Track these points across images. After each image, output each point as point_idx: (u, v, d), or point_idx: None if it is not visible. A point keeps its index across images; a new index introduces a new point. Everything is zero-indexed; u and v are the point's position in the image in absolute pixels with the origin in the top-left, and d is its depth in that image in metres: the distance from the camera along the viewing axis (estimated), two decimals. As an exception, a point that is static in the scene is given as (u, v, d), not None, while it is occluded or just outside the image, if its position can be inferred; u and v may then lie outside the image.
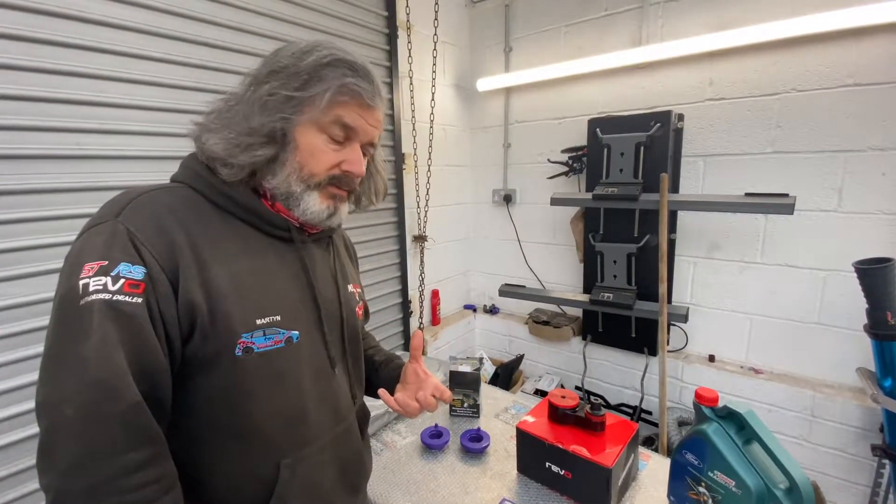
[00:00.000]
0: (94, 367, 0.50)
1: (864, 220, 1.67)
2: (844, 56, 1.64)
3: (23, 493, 1.17)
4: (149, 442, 0.52)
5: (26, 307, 1.16)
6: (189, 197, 0.64)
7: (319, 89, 0.63)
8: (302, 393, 0.69)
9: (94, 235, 0.57)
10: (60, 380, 0.50)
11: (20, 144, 1.13)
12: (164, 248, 0.58)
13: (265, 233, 0.68)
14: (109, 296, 0.53)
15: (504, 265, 2.75)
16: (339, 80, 0.64)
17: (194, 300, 0.58)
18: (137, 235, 0.57)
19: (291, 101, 0.63)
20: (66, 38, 1.17)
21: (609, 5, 2.12)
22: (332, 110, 0.64)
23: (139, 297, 0.54)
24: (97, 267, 0.54)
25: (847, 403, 1.70)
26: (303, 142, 0.65)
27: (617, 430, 1.07)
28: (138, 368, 0.53)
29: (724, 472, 0.87)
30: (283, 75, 0.63)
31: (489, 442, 1.24)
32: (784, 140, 1.78)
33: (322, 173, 0.67)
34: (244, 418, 0.64)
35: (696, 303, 2.06)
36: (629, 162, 1.98)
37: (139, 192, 0.61)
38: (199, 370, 0.61)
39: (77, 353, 0.50)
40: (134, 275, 0.55)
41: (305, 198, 0.67)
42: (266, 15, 1.61)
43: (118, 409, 0.50)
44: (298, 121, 0.64)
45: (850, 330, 1.72)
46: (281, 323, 0.65)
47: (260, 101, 0.63)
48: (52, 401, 0.50)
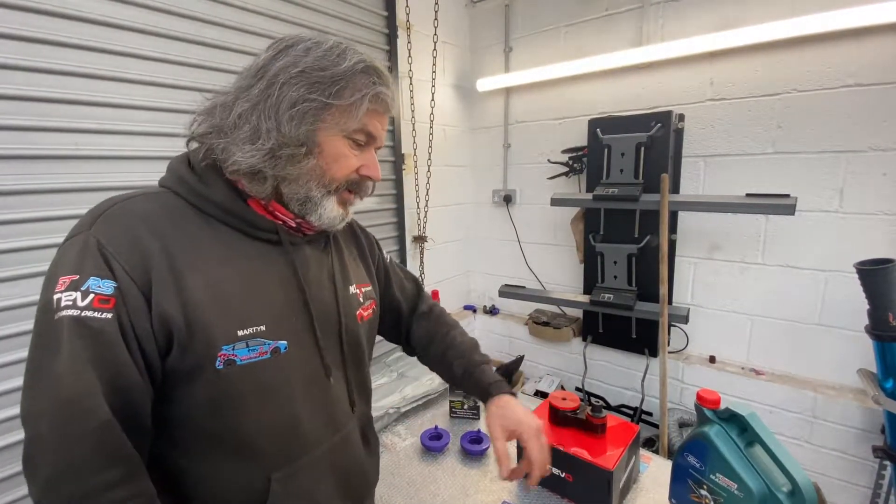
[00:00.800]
0: (66, 384, 0.49)
1: (865, 221, 1.66)
2: (845, 56, 1.63)
3: (23, 493, 1.17)
4: (121, 461, 0.51)
5: (25, 308, 1.15)
6: (170, 203, 0.62)
7: (356, 98, 0.62)
8: (293, 404, 0.66)
9: (69, 248, 0.56)
10: (36, 394, 0.51)
11: (17, 144, 1.12)
12: (136, 259, 0.55)
13: (251, 236, 0.66)
14: (78, 312, 0.52)
15: (504, 266, 2.74)
16: (372, 88, 0.63)
17: (169, 312, 0.56)
18: (108, 248, 0.55)
19: (328, 109, 0.61)
20: (63, 37, 1.17)
21: (609, 5, 2.12)
22: (359, 118, 0.64)
23: (109, 313, 0.53)
24: (69, 281, 0.53)
25: (848, 405, 1.70)
26: (328, 147, 0.63)
27: (618, 432, 1.07)
28: (110, 386, 0.51)
29: (725, 475, 0.86)
30: (314, 78, 0.60)
31: (489, 444, 1.23)
32: (785, 140, 1.77)
33: (342, 178, 0.66)
34: (232, 431, 0.62)
35: (697, 303, 2.06)
36: (630, 162, 1.97)
37: (115, 201, 0.60)
38: (181, 382, 0.59)
39: (50, 368, 0.50)
40: (103, 289, 0.53)
41: (324, 203, 0.66)
42: (265, 15, 1.60)
43: (89, 428, 0.49)
44: (327, 127, 0.62)
45: (851, 331, 1.71)
46: (266, 333, 0.62)
47: (292, 107, 0.60)
48: (31, 413, 0.51)
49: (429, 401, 1.54)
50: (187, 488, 0.62)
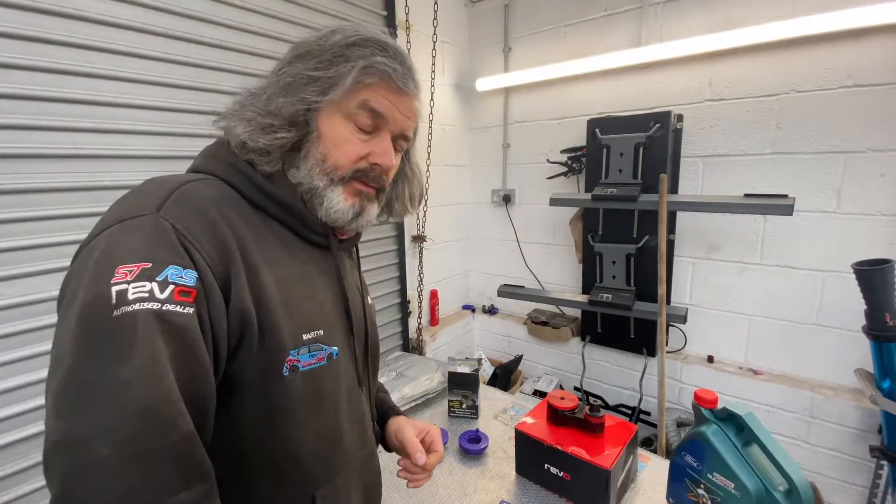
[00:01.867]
0: (141, 392, 0.40)
1: (863, 222, 1.67)
2: (844, 57, 1.64)
3: (23, 493, 1.17)
4: (201, 478, 0.44)
5: (23, 307, 1.15)
6: (226, 192, 0.57)
7: (344, 69, 0.57)
8: (339, 413, 0.64)
9: (130, 231, 0.47)
10: (91, 411, 0.39)
11: (15, 143, 1.12)
12: (215, 248, 0.50)
13: (303, 238, 0.62)
14: (158, 305, 0.44)
15: (503, 265, 2.75)
16: (367, 58, 0.57)
17: (245, 310, 0.51)
18: (186, 234, 0.48)
19: (314, 83, 0.57)
20: (61, 36, 1.17)
21: (609, 5, 2.12)
22: (359, 93, 0.58)
23: (191, 308, 0.46)
24: (138, 270, 0.44)
25: (845, 405, 1.70)
26: (326, 130, 0.59)
27: (616, 431, 1.07)
28: (190, 393, 0.45)
29: (723, 474, 0.87)
30: (307, 56, 0.58)
31: (488, 443, 1.24)
32: (783, 141, 1.78)
33: (347, 166, 0.60)
34: (282, 445, 0.57)
35: (695, 303, 2.06)
36: (628, 162, 1.97)
37: (178, 183, 0.53)
38: (239, 391, 0.53)
39: (114, 376, 0.40)
40: (185, 280, 0.46)
41: (328, 194, 0.60)
42: (264, 14, 1.60)
43: (169, 442, 0.41)
44: (322, 106, 0.58)
45: (848, 331, 1.72)
46: (324, 338, 0.60)
47: (282, 83, 0.58)
48: (77, 438, 0.39)
49: (427, 400, 1.54)
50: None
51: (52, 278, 1.18)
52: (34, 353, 1.17)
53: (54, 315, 1.21)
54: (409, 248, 2.37)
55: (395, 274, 2.31)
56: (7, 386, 1.14)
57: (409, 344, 2.40)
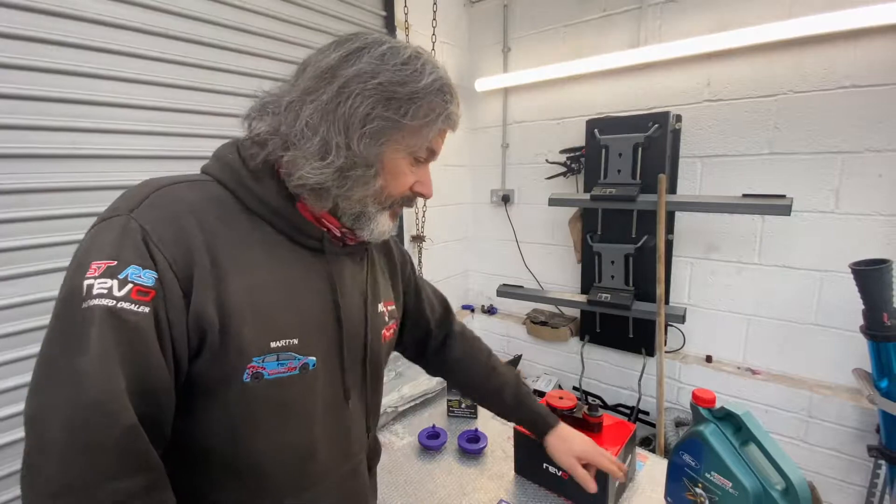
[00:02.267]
0: (92, 385, 0.44)
1: (860, 222, 1.67)
2: (842, 58, 1.64)
3: (17, 494, 1.16)
4: (144, 469, 0.46)
5: (21, 307, 1.16)
6: (216, 194, 0.57)
7: (430, 118, 0.59)
8: (312, 428, 0.62)
9: (105, 230, 0.50)
10: (53, 394, 0.44)
11: (15, 143, 1.12)
12: (179, 252, 0.51)
13: (294, 241, 0.62)
14: (113, 302, 0.47)
15: (502, 265, 2.75)
16: (445, 108, 0.60)
17: (206, 314, 0.51)
18: (151, 236, 0.50)
19: (399, 129, 0.58)
20: (61, 36, 1.17)
21: (607, 6, 2.12)
22: (428, 137, 0.62)
23: (146, 307, 0.48)
24: (104, 267, 0.48)
25: (843, 404, 1.71)
26: (390, 164, 0.60)
27: (614, 430, 1.07)
28: (139, 387, 0.47)
29: (720, 474, 0.87)
30: (389, 93, 0.55)
31: (486, 443, 1.24)
32: (781, 141, 1.78)
33: (398, 195, 0.63)
34: (245, 453, 0.58)
35: (694, 303, 2.07)
36: (627, 163, 1.98)
37: (160, 185, 0.55)
38: (201, 393, 0.55)
39: (74, 366, 0.44)
40: (144, 280, 0.48)
41: (378, 218, 0.63)
42: (263, 14, 1.60)
43: (113, 434, 0.44)
44: (395, 146, 0.59)
45: (846, 331, 1.72)
46: (298, 347, 0.58)
47: (364, 124, 0.55)
48: (41, 416, 0.44)
49: (426, 399, 1.54)
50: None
51: (51, 278, 1.19)
52: (33, 354, 1.17)
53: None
54: (409, 248, 2.37)
55: (394, 274, 2.31)
56: (7, 385, 1.14)
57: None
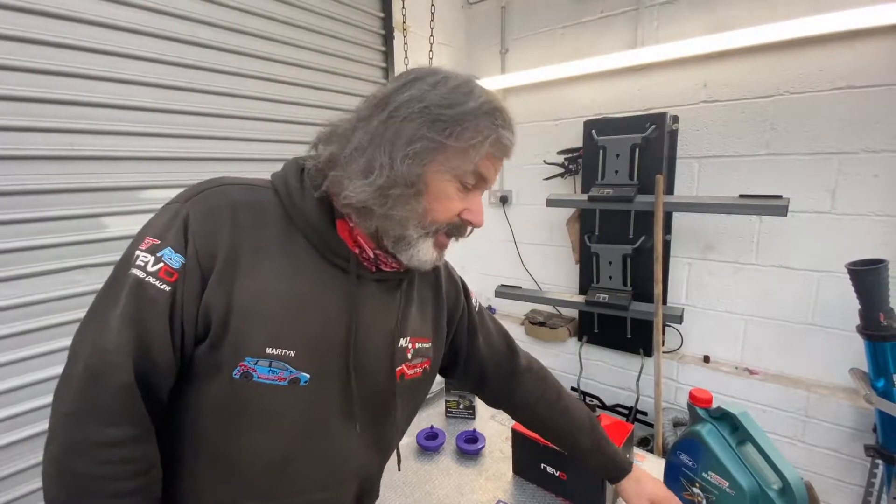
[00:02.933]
0: (110, 335, 0.52)
1: (857, 222, 1.68)
2: (838, 59, 1.65)
3: (22, 493, 1.17)
4: (131, 423, 0.53)
5: (20, 308, 1.15)
6: (265, 200, 0.61)
7: (476, 141, 0.57)
8: (289, 442, 0.62)
9: (165, 212, 0.58)
10: (87, 334, 0.54)
11: (12, 145, 1.12)
12: (207, 245, 0.57)
13: (325, 258, 0.62)
14: (144, 275, 0.54)
15: (500, 266, 2.75)
16: (494, 131, 0.58)
17: (214, 305, 0.56)
18: (191, 225, 0.57)
19: (444, 150, 0.57)
20: (57, 37, 1.17)
21: (605, 7, 2.13)
22: (475, 160, 0.59)
23: (168, 286, 0.54)
24: (151, 244, 0.56)
25: (840, 404, 1.71)
26: (435, 187, 0.59)
27: (612, 430, 1.08)
28: (141, 353, 0.53)
29: (718, 473, 0.87)
30: (435, 114, 0.56)
31: (484, 443, 1.24)
32: (778, 142, 1.79)
33: (443, 222, 0.61)
34: (225, 447, 0.60)
35: (691, 304, 2.07)
36: (625, 163, 1.98)
37: (220, 183, 0.62)
38: (197, 376, 0.59)
39: (106, 317, 0.53)
40: (173, 263, 0.55)
41: (420, 245, 0.61)
42: (260, 15, 1.60)
43: (114, 383, 0.52)
44: (439, 167, 0.58)
45: (843, 331, 1.73)
46: (293, 360, 0.59)
47: (408, 144, 0.56)
48: (76, 350, 0.54)
49: (425, 401, 1.54)
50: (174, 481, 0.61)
51: (50, 279, 1.18)
52: (33, 354, 1.17)
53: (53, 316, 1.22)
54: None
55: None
56: (7, 387, 1.14)
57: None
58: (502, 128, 0.59)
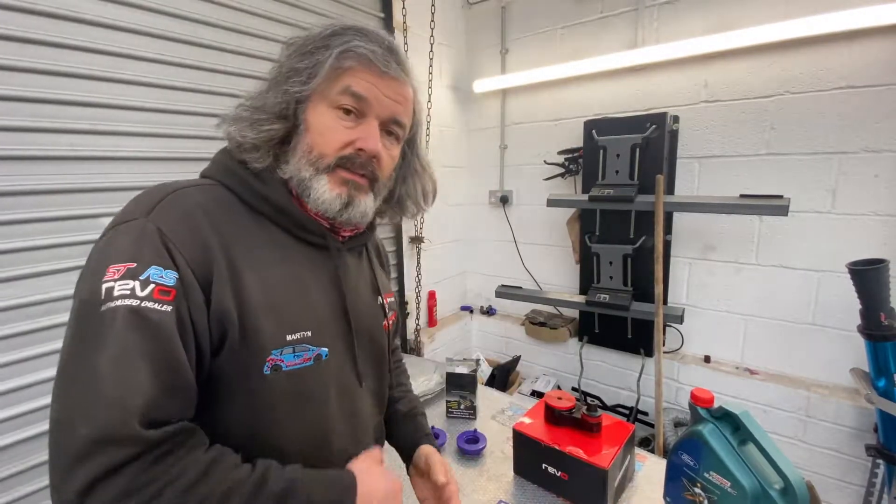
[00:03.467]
0: (112, 382, 0.45)
1: (857, 222, 1.68)
2: (838, 59, 1.65)
3: (23, 493, 1.16)
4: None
5: (21, 309, 1.15)
6: (222, 196, 0.60)
7: (323, 56, 0.60)
8: (327, 414, 0.65)
9: (121, 234, 0.52)
10: (74, 395, 0.45)
11: (12, 145, 1.12)
12: (197, 251, 0.53)
13: (299, 238, 0.64)
14: (137, 302, 0.48)
15: (500, 266, 2.75)
16: (345, 44, 0.60)
17: (226, 310, 0.54)
18: (169, 237, 0.52)
19: (297, 74, 0.60)
20: (58, 38, 1.17)
21: (605, 8, 2.13)
22: (340, 79, 0.60)
23: (169, 305, 0.49)
24: (124, 269, 0.49)
25: (841, 404, 1.71)
26: (313, 120, 0.61)
27: (613, 431, 1.08)
28: (164, 385, 0.48)
29: (719, 473, 0.87)
30: (292, 50, 0.62)
31: (486, 443, 1.24)
32: (778, 142, 1.79)
33: (332, 153, 0.61)
34: (263, 441, 0.59)
35: (692, 304, 2.07)
36: (625, 163, 1.98)
37: (171, 189, 0.57)
38: (223, 387, 0.56)
39: (93, 366, 0.45)
40: (165, 280, 0.50)
41: (314, 184, 0.61)
42: (261, 16, 1.60)
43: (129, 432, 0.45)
44: (308, 96, 0.61)
45: (843, 330, 1.73)
46: (311, 339, 0.61)
47: (270, 80, 0.62)
48: (65, 419, 0.45)
49: (425, 401, 1.54)
50: None
51: (50, 280, 1.18)
52: (34, 355, 1.17)
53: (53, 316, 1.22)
54: (407, 249, 2.37)
55: (393, 275, 2.31)
56: (8, 387, 1.13)
57: (407, 345, 2.40)
58: (355, 39, 0.61)
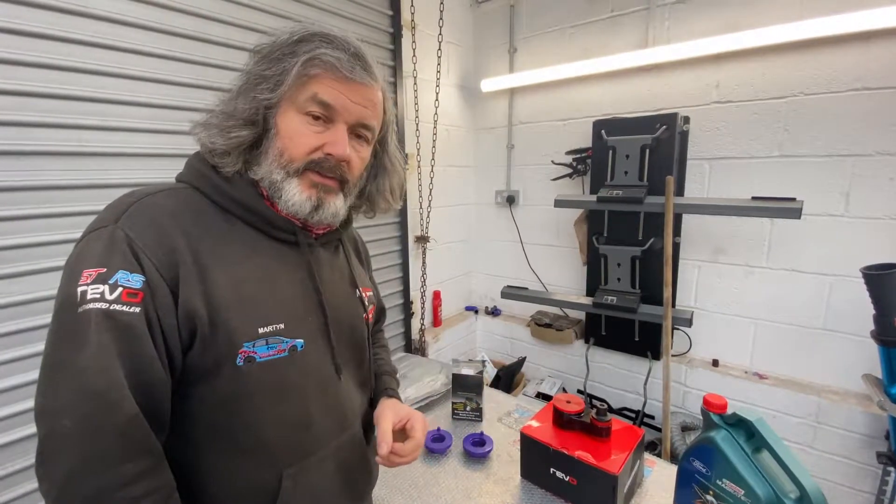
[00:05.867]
0: (93, 378, 0.49)
1: (871, 225, 1.65)
2: (853, 60, 1.62)
3: (22, 492, 1.16)
4: (146, 454, 0.52)
5: (26, 305, 1.15)
6: (192, 199, 0.63)
7: (289, 64, 0.61)
8: (306, 402, 0.67)
9: (93, 241, 0.56)
10: (58, 389, 0.49)
11: (22, 141, 1.11)
12: (164, 255, 0.56)
13: (270, 237, 0.66)
14: (106, 305, 0.51)
15: (506, 267, 2.74)
16: (311, 52, 0.61)
17: (194, 308, 0.56)
18: (137, 242, 0.55)
19: (265, 81, 0.62)
20: (68, 33, 1.16)
21: (615, 6, 2.11)
22: (307, 86, 0.61)
23: (137, 307, 0.53)
24: (95, 274, 0.53)
25: (852, 410, 1.69)
26: (283, 126, 0.62)
27: (622, 435, 1.06)
28: (136, 380, 0.52)
29: (732, 480, 0.86)
30: (260, 57, 0.64)
31: (492, 446, 1.23)
32: (791, 144, 1.76)
33: (301, 157, 0.63)
34: (246, 429, 0.62)
35: (701, 307, 2.05)
36: (634, 164, 1.96)
37: (141, 196, 0.60)
38: (199, 379, 0.59)
39: (75, 362, 0.49)
40: (132, 283, 0.53)
41: (285, 186, 0.63)
42: (270, 13, 1.59)
43: (117, 422, 0.49)
44: (276, 103, 0.62)
45: (856, 336, 1.70)
46: (284, 331, 0.63)
47: (239, 86, 0.63)
48: (49, 410, 0.49)
49: (431, 402, 1.53)
50: (199, 485, 0.61)
51: (55, 276, 1.16)
52: (38, 353, 1.17)
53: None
54: (413, 248, 2.36)
55: (398, 275, 2.30)
56: (10, 384, 1.13)
57: (411, 345, 2.39)
58: (322, 47, 0.61)
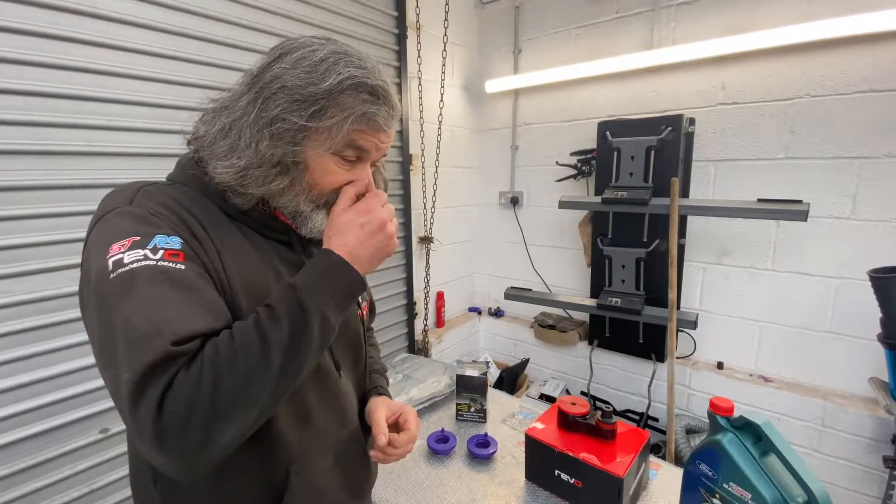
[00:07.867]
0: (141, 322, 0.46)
1: (878, 228, 1.64)
2: (859, 62, 1.62)
3: (22, 492, 1.16)
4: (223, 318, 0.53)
5: (33, 304, 1.15)
6: (191, 194, 0.63)
7: (336, 120, 0.58)
8: (305, 398, 0.67)
9: (111, 221, 0.54)
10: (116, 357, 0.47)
11: (29, 140, 1.12)
12: (186, 230, 0.56)
13: (265, 236, 0.67)
14: (154, 262, 0.50)
15: (510, 268, 2.73)
16: (359, 108, 0.58)
17: (222, 281, 0.57)
18: (161, 215, 0.55)
19: (305, 131, 0.58)
20: (74, 33, 1.17)
21: (620, 8, 2.11)
22: (348, 138, 0.61)
23: (181, 265, 0.52)
24: (129, 242, 0.50)
25: (859, 414, 1.68)
26: (314, 164, 0.62)
27: (628, 438, 1.06)
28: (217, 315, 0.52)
29: (739, 484, 0.85)
30: (295, 96, 0.57)
31: (496, 448, 1.22)
32: (797, 145, 1.76)
33: (329, 193, 0.65)
34: None
35: (705, 309, 2.04)
36: (639, 166, 1.96)
37: (144, 184, 0.60)
38: None
39: (119, 318, 0.47)
40: (172, 244, 0.52)
41: (314, 217, 0.65)
42: (277, 14, 1.60)
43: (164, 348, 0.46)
44: (311, 146, 0.60)
45: (862, 339, 1.69)
46: None
47: (269, 126, 0.57)
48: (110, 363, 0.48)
49: (435, 403, 1.53)
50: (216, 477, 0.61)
51: (62, 275, 1.18)
52: (44, 350, 1.17)
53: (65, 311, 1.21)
54: (416, 249, 2.36)
55: (401, 275, 2.30)
56: (12, 384, 1.13)
57: (414, 345, 2.39)
58: (370, 104, 0.59)
